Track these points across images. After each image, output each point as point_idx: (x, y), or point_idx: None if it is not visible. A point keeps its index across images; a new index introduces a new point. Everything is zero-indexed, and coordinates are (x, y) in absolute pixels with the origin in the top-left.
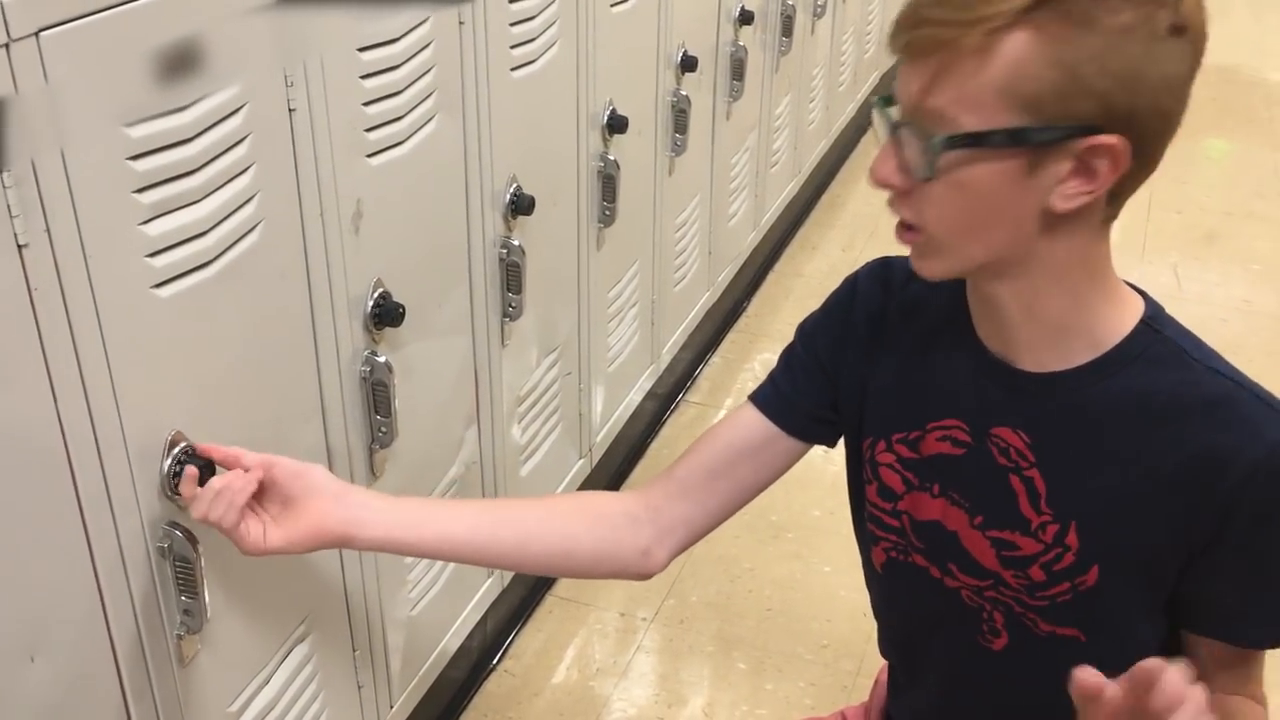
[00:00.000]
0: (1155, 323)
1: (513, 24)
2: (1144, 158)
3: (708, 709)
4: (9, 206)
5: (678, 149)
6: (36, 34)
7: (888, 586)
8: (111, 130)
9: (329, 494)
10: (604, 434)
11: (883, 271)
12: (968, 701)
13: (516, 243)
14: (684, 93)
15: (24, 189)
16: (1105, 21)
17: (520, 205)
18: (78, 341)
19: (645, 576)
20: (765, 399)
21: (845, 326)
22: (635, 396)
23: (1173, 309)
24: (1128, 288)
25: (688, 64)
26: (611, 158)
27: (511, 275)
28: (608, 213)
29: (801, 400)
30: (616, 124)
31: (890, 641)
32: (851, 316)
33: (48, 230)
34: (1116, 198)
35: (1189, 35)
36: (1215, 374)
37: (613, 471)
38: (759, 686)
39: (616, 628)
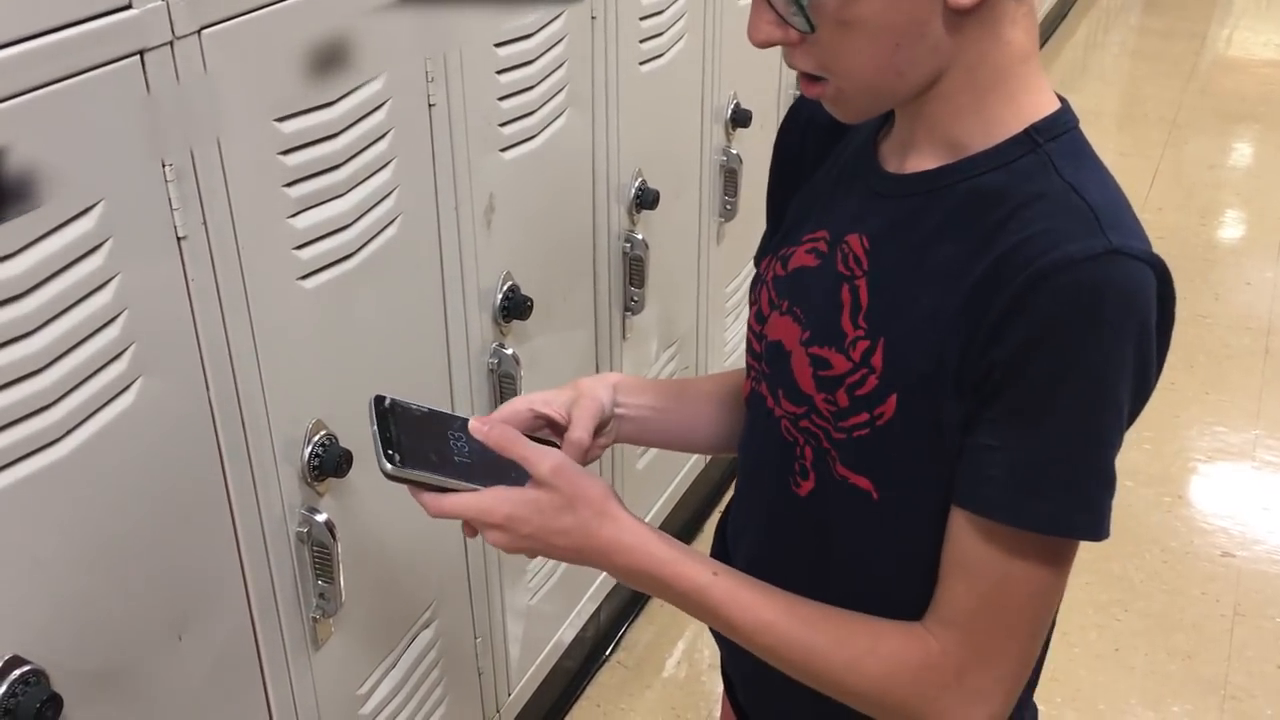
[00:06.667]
0: (1041, 134)
1: (643, 18)
2: None
3: None
4: (170, 200)
5: None
6: (199, 31)
7: (744, 424)
8: (265, 123)
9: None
10: None
11: (792, 114)
12: (779, 555)
13: (640, 236)
14: None
15: (183, 183)
16: None
17: (645, 199)
18: (229, 331)
19: None
20: (759, 250)
21: (778, 170)
22: None
23: None
24: (1043, 95)
25: None
26: (734, 151)
27: (634, 269)
28: (729, 207)
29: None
30: (740, 118)
31: (735, 496)
32: (779, 162)
33: (204, 223)
34: None
35: None
36: (1069, 186)
37: (726, 469)
38: None
39: None
